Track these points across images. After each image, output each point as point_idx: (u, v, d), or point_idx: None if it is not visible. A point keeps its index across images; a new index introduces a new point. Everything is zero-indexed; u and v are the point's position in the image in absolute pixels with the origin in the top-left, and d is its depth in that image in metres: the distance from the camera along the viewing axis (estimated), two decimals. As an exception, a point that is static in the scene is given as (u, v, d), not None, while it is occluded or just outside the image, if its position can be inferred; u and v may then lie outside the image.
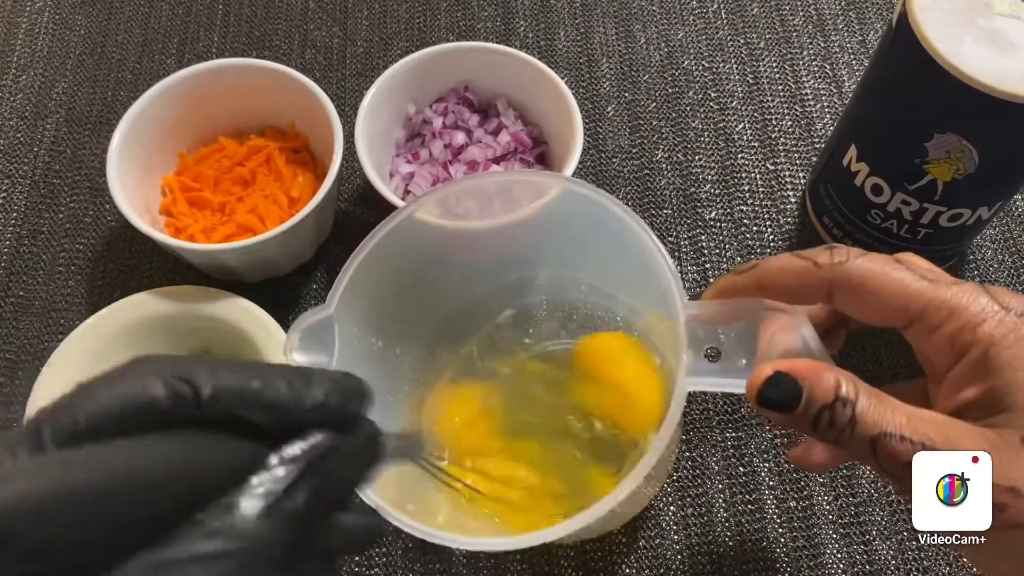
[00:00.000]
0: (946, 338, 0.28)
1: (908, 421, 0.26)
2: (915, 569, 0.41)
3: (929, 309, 0.28)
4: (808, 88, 0.55)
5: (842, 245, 0.30)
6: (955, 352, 0.28)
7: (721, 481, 0.43)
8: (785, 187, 0.52)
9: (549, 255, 0.41)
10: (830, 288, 0.29)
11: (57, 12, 0.59)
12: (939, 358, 0.28)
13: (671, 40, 0.57)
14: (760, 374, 0.27)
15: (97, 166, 0.52)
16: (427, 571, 0.40)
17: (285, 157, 0.48)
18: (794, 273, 0.30)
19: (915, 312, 0.28)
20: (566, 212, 0.37)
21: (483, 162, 0.48)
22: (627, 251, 0.34)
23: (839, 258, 0.29)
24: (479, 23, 0.58)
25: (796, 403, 0.27)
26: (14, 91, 0.55)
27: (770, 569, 0.40)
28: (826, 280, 0.29)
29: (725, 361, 0.29)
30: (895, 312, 0.28)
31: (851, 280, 0.29)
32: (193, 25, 0.58)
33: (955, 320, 0.27)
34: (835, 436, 0.27)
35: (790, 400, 0.27)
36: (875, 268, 0.28)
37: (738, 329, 0.29)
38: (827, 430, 0.27)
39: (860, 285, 0.29)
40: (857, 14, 0.58)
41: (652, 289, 0.33)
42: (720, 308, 0.30)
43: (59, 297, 0.48)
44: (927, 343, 0.28)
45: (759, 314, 0.29)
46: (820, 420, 0.27)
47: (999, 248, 0.50)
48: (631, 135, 0.54)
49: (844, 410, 0.26)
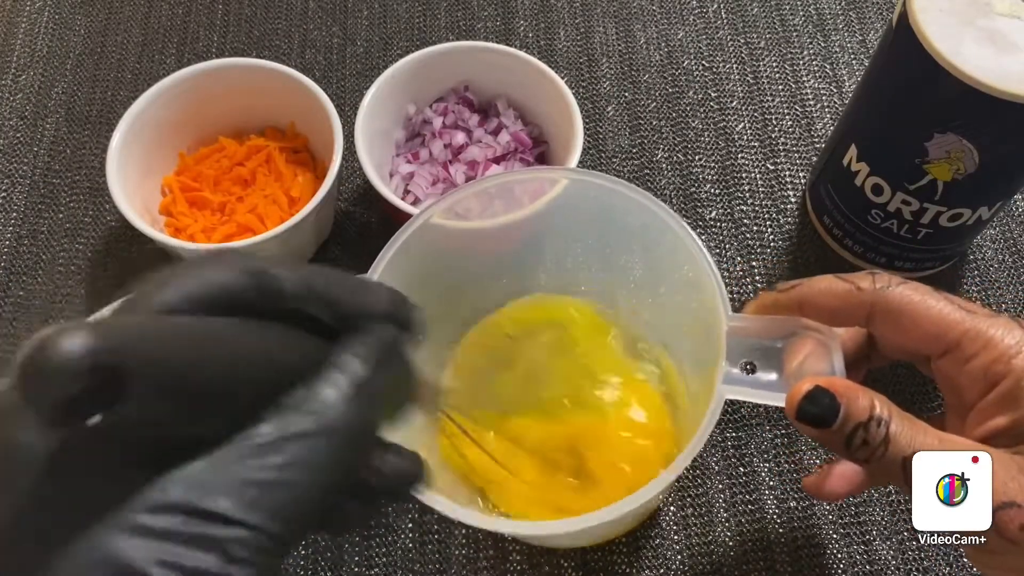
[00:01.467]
0: (980, 368, 0.29)
1: (940, 443, 0.27)
2: (915, 569, 0.40)
3: (965, 339, 0.29)
4: (808, 88, 0.55)
5: (883, 271, 0.31)
6: (987, 382, 0.29)
7: (721, 481, 0.43)
8: (785, 187, 0.52)
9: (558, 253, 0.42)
10: (870, 312, 0.30)
11: (57, 12, 0.59)
12: (971, 386, 0.29)
13: (671, 40, 0.57)
14: (800, 388, 0.28)
15: (97, 166, 0.52)
16: (426, 571, 0.40)
17: (285, 157, 0.48)
18: (837, 295, 0.31)
19: (951, 340, 0.29)
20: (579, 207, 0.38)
21: (483, 162, 0.48)
22: (654, 253, 0.36)
23: (881, 284, 0.30)
24: (479, 23, 0.58)
25: (833, 419, 0.28)
26: (14, 91, 0.55)
27: (770, 569, 0.40)
28: (867, 304, 0.30)
29: (760, 373, 0.30)
30: (932, 339, 0.29)
31: (892, 305, 0.30)
32: (193, 25, 0.58)
33: (990, 351, 0.28)
34: (867, 455, 0.28)
35: (828, 415, 0.28)
36: (915, 296, 0.30)
37: (771, 346, 0.31)
38: (860, 448, 0.28)
39: (900, 311, 0.30)
40: (857, 14, 0.58)
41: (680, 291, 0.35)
42: (762, 324, 0.31)
43: (59, 297, 0.48)
44: (960, 371, 0.29)
45: (797, 332, 0.30)
46: (854, 438, 0.28)
47: (999, 248, 0.50)
48: (631, 135, 0.54)
49: (879, 429, 0.27)
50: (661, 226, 0.35)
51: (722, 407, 0.30)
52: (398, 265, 0.34)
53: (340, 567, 0.41)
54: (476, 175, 0.48)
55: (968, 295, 0.48)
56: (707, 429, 0.29)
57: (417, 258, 0.35)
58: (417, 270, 0.35)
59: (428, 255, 0.35)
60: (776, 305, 0.32)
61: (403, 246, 0.34)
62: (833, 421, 0.28)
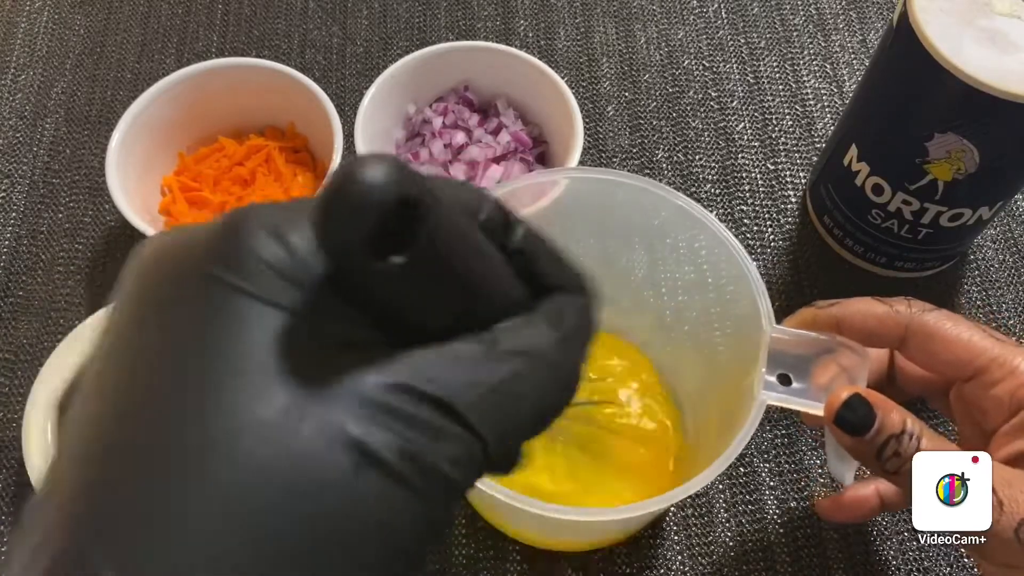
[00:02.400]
0: (1006, 393, 0.30)
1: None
2: (915, 569, 0.40)
3: (994, 364, 0.30)
4: (808, 88, 0.55)
5: (918, 299, 0.33)
6: (1012, 407, 0.30)
7: (721, 481, 0.43)
8: (786, 187, 0.52)
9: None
10: (904, 334, 0.32)
11: (56, 12, 0.59)
12: (995, 411, 0.31)
13: (671, 40, 0.57)
14: (839, 395, 0.30)
15: (97, 166, 0.52)
16: (426, 572, 0.40)
17: (285, 157, 0.48)
18: (875, 316, 0.32)
19: (979, 365, 0.31)
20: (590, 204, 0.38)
21: (483, 162, 0.48)
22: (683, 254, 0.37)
23: (917, 308, 0.32)
24: (479, 23, 0.58)
25: (869, 427, 0.29)
26: (13, 91, 0.55)
27: (770, 569, 0.40)
28: (903, 325, 0.32)
29: (796, 384, 0.32)
30: (962, 363, 0.31)
31: (927, 328, 0.32)
32: (192, 25, 0.58)
33: (1015, 378, 0.30)
34: (898, 466, 0.29)
35: (866, 423, 0.29)
36: (949, 322, 0.32)
37: (805, 360, 0.32)
38: (892, 459, 0.29)
39: (934, 334, 0.31)
40: (857, 13, 0.58)
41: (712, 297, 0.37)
42: (801, 338, 0.32)
43: (59, 297, 0.48)
44: (985, 397, 0.31)
45: (832, 349, 0.32)
46: (886, 448, 0.29)
47: (1000, 248, 0.50)
48: (631, 135, 0.54)
49: (911, 442, 0.29)
50: (691, 227, 0.36)
51: (761, 414, 0.31)
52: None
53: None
54: (476, 175, 0.48)
55: (968, 295, 0.48)
56: (748, 433, 0.30)
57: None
58: None
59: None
60: (815, 322, 0.33)
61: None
62: (869, 429, 0.29)
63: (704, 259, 0.37)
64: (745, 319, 0.34)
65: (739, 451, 0.30)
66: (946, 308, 0.32)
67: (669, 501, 0.30)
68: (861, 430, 0.29)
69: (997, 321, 0.47)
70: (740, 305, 0.34)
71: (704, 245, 0.36)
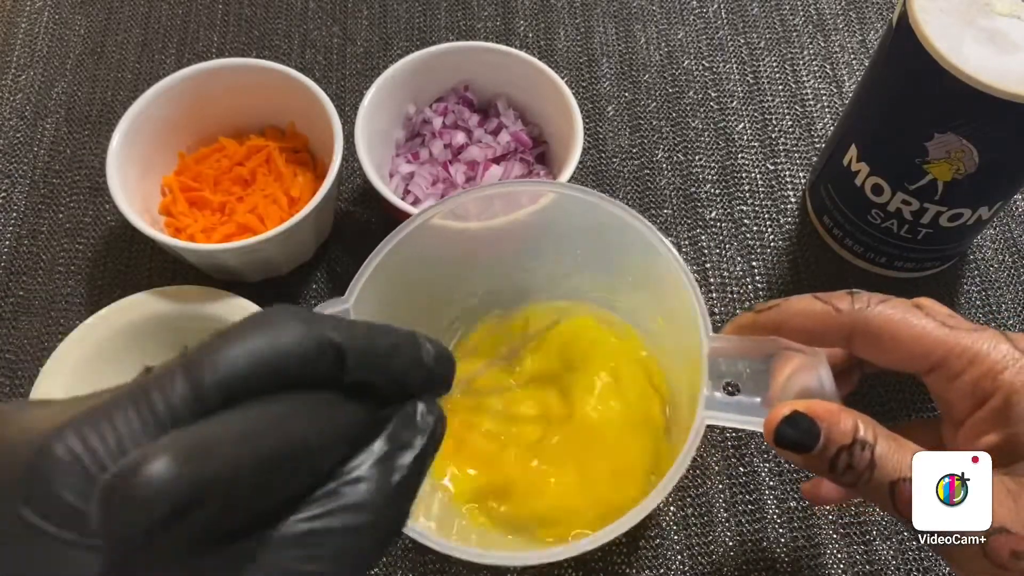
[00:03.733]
0: (968, 384, 0.28)
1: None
2: (915, 569, 0.40)
3: (951, 356, 0.28)
4: (808, 88, 0.55)
5: (863, 291, 0.30)
6: (976, 398, 0.28)
7: (721, 481, 0.43)
8: (785, 187, 0.52)
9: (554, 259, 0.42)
10: (850, 333, 0.30)
11: (57, 12, 0.59)
12: (960, 403, 0.29)
13: (671, 40, 0.57)
14: (777, 413, 0.28)
15: (97, 166, 0.52)
16: (426, 571, 0.40)
17: (285, 157, 0.48)
18: (814, 317, 0.30)
19: (936, 359, 0.28)
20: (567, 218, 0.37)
21: (483, 162, 0.48)
22: (634, 263, 0.35)
23: (859, 304, 0.29)
24: (479, 23, 0.58)
25: (814, 443, 0.27)
26: (14, 91, 0.55)
27: (770, 569, 0.40)
28: (846, 325, 0.30)
29: (743, 396, 0.30)
30: (916, 358, 0.29)
31: (871, 326, 0.29)
32: (193, 25, 0.58)
33: (976, 367, 0.28)
34: (853, 479, 0.27)
35: (808, 440, 0.27)
36: (895, 315, 0.29)
37: (756, 366, 0.30)
38: (845, 472, 0.27)
39: (880, 331, 0.29)
40: (857, 14, 0.58)
41: (666, 303, 0.35)
42: (741, 344, 0.30)
43: (59, 297, 0.48)
44: (948, 389, 0.29)
45: (778, 353, 0.30)
46: (838, 462, 0.27)
47: (999, 248, 0.50)
48: (631, 135, 0.54)
49: (863, 453, 0.27)
50: (638, 238, 0.34)
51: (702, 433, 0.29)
52: (387, 269, 0.34)
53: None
54: (476, 175, 0.48)
55: (968, 295, 0.48)
56: (687, 456, 0.29)
57: (413, 260, 0.35)
58: (408, 271, 0.35)
59: (423, 256, 0.35)
60: (754, 326, 0.31)
61: (394, 249, 0.34)
62: (813, 445, 0.27)
63: (652, 266, 0.35)
64: (691, 332, 0.32)
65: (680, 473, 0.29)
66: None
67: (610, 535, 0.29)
68: (804, 447, 0.27)
69: (997, 321, 0.47)
70: (687, 319, 0.32)
71: (650, 252, 0.35)
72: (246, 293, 0.43)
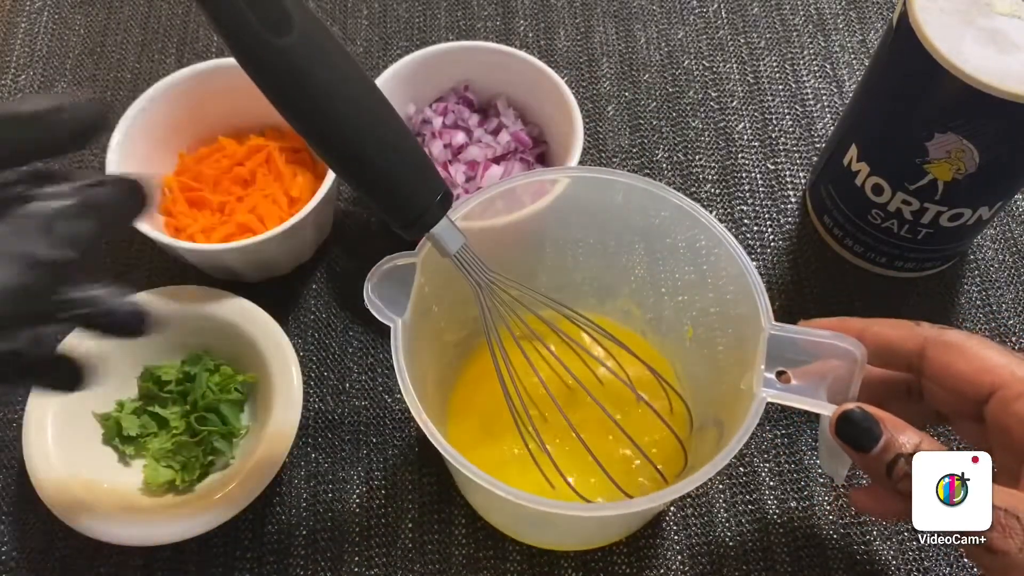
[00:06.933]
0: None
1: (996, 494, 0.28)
2: (915, 569, 0.40)
3: (1012, 379, 0.30)
4: (808, 88, 0.55)
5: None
6: None
7: (721, 481, 0.43)
8: (785, 187, 0.52)
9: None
10: (924, 345, 0.32)
11: (56, 12, 0.59)
12: (1018, 427, 0.30)
13: (671, 40, 0.57)
14: (845, 405, 0.29)
15: (97, 166, 0.52)
16: (426, 571, 0.40)
17: (285, 157, 0.48)
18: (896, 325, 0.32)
19: (998, 380, 0.30)
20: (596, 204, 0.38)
21: (483, 162, 0.48)
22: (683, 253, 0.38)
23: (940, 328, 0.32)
24: (479, 23, 0.58)
25: (872, 444, 0.28)
26: (13, 91, 0.55)
27: (770, 570, 0.40)
28: (922, 338, 0.32)
29: (795, 382, 0.31)
30: (979, 374, 0.31)
31: (946, 341, 0.32)
32: (193, 25, 0.58)
33: None
34: (909, 486, 0.28)
35: (866, 439, 0.29)
36: (971, 340, 0.32)
37: (806, 359, 0.32)
38: (903, 480, 0.28)
39: (952, 347, 0.31)
40: (857, 13, 0.58)
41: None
42: (801, 335, 0.32)
43: (59, 297, 0.48)
44: (1006, 412, 0.30)
45: (831, 348, 0.31)
46: (895, 467, 0.28)
47: (999, 248, 0.50)
48: (631, 135, 0.54)
49: None
50: (691, 228, 0.36)
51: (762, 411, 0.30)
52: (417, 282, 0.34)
53: (340, 567, 0.41)
54: (476, 175, 0.48)
55: (968, 295, 0.48)
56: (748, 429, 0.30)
57: (429, 269, 0.35)
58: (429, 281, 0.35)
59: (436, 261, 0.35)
60: (843, 325, 0.33)
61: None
62: (871, 446, 0.28)
63: (704, 259, 0.37)
64: (744, 318, 0.34)
65: (738, 448, 0.30)
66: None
67: (666, 498, 0.30)
68: (861, 445, 0.28)
69: (997, 321, 0.47)
70: (739, 304, 0.34)
71: (704, 245, 0.36)
72: (246, 293, 0.43)
